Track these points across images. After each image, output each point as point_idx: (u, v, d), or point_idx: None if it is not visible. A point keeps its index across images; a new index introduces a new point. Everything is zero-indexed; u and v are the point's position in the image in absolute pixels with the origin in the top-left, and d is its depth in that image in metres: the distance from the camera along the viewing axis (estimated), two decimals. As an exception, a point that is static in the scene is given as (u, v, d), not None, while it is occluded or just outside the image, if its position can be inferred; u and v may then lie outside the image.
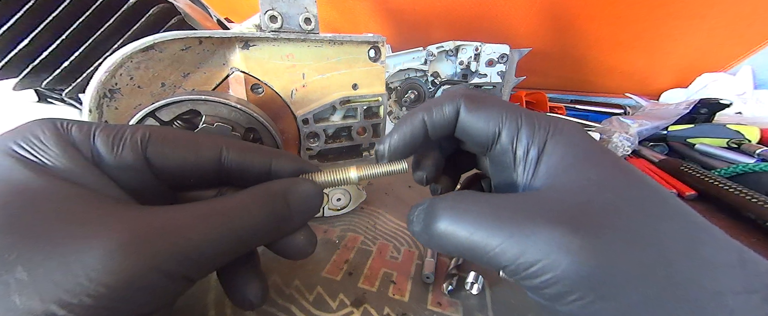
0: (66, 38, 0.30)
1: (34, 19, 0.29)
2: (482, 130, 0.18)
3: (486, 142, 0.18)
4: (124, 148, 0.15)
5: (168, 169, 0.16)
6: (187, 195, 0.18)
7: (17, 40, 0.29)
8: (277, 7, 0.26)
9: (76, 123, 0.15)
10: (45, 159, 0.14)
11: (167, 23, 0.32)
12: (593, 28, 0.75)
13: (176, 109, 0.24)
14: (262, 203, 0.16)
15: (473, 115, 0.18)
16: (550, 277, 0.12)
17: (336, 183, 0.20)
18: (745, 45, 0.76)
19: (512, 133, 0.17)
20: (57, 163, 0.14)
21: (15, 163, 0.13)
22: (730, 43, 0.76)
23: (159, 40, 0.24)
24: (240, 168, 0.18)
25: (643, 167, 0.52)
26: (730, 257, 0.13)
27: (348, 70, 0.30)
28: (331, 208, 0.36)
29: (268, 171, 0.18)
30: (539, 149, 0.17)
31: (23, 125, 0.14)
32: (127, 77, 0.25)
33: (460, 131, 0.19)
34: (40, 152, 0.14)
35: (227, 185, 0.19)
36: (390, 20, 0.81)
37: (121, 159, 0.15)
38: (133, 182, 0.15)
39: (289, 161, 0.19)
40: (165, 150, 0.16)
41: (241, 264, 0.18)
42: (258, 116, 0.25)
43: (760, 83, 0.78)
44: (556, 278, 0.12)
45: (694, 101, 0.63)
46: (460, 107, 0.18)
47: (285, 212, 0.16)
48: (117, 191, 0.15)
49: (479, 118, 0.18)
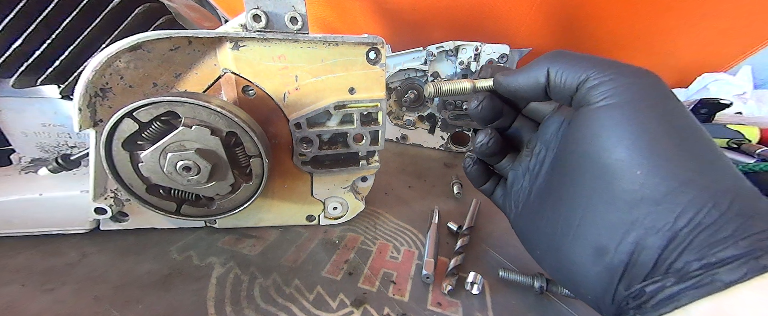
0: (56, 38, 0.30)
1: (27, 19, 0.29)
2: (570, 82, 0.18)
3: (569, 92, 0.18)
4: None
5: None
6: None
7: (11, 40, 0.30)
8: (262, 6, 0.25)
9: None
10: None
11: (155, 22, 0.32)
12: (593, 28, 0.75)
13: (154, 111, 0.24)
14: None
15: (564, 68, 0.18)
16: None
17: (456, 91, 0.23)
18: (745, 45, 0.76)
19: (597, 80, 0.17)
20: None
21: None
22: (730, 43, 0.76)
23: (144, 40, 0.24)
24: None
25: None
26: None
27: (344, 73, 0.29)
28: (327, 216, 0.35)
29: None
30: (606, 92, 0.16)
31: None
32: (118, 77, 0.25)
33: (555, 85, 0.19)
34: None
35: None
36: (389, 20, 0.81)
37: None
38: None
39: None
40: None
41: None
42: (239, 120, 0.24)
43: (760, 83, 0.78)
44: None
45: (694, 101, 0.63)
46: (554, 65, 0.19)
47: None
48: None
49: (570, 70, 0.18)
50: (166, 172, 0.25)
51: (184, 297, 0.25)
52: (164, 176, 0.25)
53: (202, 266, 0.29)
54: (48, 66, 0.31)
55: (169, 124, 0.25)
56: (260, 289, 0.26)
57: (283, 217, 0.34)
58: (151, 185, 0.26)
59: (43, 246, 0.30)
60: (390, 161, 0.56)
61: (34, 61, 0.30)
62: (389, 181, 0.47)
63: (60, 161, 0.32)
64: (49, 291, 0.25)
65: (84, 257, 0.29)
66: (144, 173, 0.25)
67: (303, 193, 0.33)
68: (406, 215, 0.39)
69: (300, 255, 0.31)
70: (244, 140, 0.26)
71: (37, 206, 0.30)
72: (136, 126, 0.24)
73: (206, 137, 0.24)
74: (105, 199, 0.29)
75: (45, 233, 0.31)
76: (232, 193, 0.27)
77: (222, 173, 0.26)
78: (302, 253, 0.31)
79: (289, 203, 0.34)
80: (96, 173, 0.27)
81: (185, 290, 0.26)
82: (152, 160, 0.25)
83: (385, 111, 0.31)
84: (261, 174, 0.27)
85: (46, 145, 0.37)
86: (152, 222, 0.32)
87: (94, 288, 0.26)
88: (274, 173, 0.32)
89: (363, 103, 0.30)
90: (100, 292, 0.25)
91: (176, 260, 0.29)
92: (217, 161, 0.25)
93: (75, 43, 0.30)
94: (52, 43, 0.30)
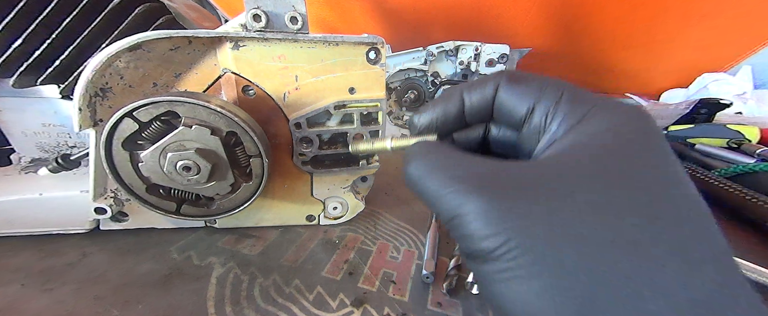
0: (56, 37, 0.30)
1: (27, 19, 0.29)
2: (516, 106, 0.16)
3: (519, 119, 0.16)
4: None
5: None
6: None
7: (11, 40, 0.30)
8: (262, 5, 0.25)
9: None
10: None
11: (155, 22, 0.32)
12: (593, 28, 0.75)
13: (154, 110, 0.24)
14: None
15: (511, 89, 0.17)
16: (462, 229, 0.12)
17: (373, 151, 0.21)
18: (745, 45, 0.76)
19: (546, 109, 0.15)
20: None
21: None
22: (730, 43, 0.76)
23: (144, 39, 0.24)
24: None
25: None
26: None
27: (344, 72, 0.29)
28: (327, 216, 0.35)
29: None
30: (569, 126, 0.14)
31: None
32: (118, 76, 0.25)
33: (497, 111, 0.17)
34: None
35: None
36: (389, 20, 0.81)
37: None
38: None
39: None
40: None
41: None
42: (239, 120, 0.24)
43: (760, 83, 0.78)
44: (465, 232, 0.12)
45: (694, 101, 0.63)
46: (500, 84, 0.17)
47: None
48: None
49: (515, 92, 0.16)
50: (166, 172, 0.25)
51: (184, 297, 0.25)
52: (164, 175, 0.25)
53: (202, 266, 0.29)
54: (48, 66, 0.31)
55: (169, 124, 0.25)
56: (260, 289, 0.26)
57: (283, 217, 0.34)
58: (151, 184, 0.26)
59: (43, 246, 0.30)
60: (390, 161, 0.56)
61: (34, 61, 0.31)
62: (389, 181, 0.47)
63: (60, 160, 0.32)
64: (49, 291, 0.25)
65: (84, 257, 0.29)
66: (144, 173, 0.25)
67: (303, 193, 0.33)
68: (406, 215, 0.39)
69: (300, 255, 0.31)
70: (244, 140, 0.26)
71: (37, 205, 0.30)
72: (136, 126, 0.24)
73: (206, 137, 0.24)
74: (105, 199, 0.29)
75: (45, 233, 0.31)
76: (232, 193, 0.27)
77: (222, 172, 0.26)
78: (302, 253, 0.31)
79: (289, 203, 0.34)
80: (96, 172, 0.27)
81: (185, 290, 0.26)
82: (152, 159, 0.25)
83: (385, 111, 0.31)
84: (261, 174, 0.27)
85: (46, 145, 0.37)
86: (152, 222, 0.32)
87: (94, 288, 0.26)
88: (274, 173, 0.32)
89: (363, 103, 0.30)
90: (100, 292, 0.25)
91: (176, 260, 0.29)
92: (217, 161, 0.25)
93: (75, 42, 0.30)
94: (52, 42, 0.30)
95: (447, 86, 0.59)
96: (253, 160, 0.26)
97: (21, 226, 0.30)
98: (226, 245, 0.32)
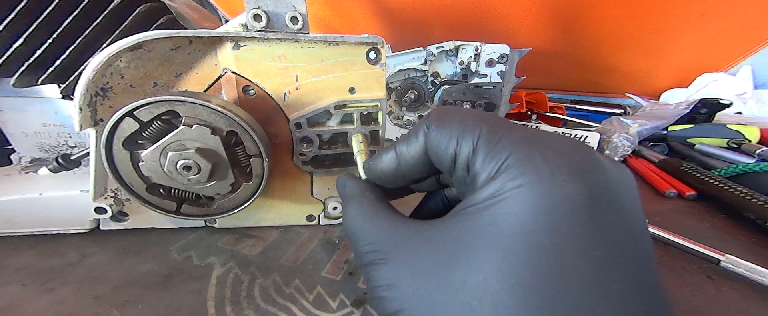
0: (57, 37, 0.30)
1: (27, 19, 0.29)
2: (443, 150, 0.15)
3: (448, 164, 0.15)
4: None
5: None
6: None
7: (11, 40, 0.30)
8: (262, 5, 0.25)
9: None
10: None
11: (156, 22, 0.32)
12: (593, 28, 0.75)
13: (154, 110, 0.23)
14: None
15: (437, 132, 0.16)
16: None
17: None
18: (745, 45, 0.76)
19: (467, 154, 0.14)
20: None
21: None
22: (730, 43, 0.76)
23: (144, 39, 0.24)
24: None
25: (643, 167, 0.52)
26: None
27: (344, 72, 0.29)
28: (327, 216, 0.35)
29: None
30: (489, 176, 0.13)
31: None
32: (118, 76, 0.25)
33: (431, 156, 0.16)
34: None
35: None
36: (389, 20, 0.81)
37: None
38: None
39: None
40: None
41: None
42: (239, 120, 0.24)
43: (760, 83, 0.78)
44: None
45: (694, 101, 0.63)
46: (429, 128, 0.16)
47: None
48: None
49: (441, 135, 0.15)
50: (166, 171, 0.25)
51: (184, 297, 0.25)
52: (164, 175, 0.25)
53: (202, 266, 0.29)
54: (49, 66, 0.31)
55: (170, 123, 0.25)
56: (260, 289, 0.26)
57: (283, 217, 0.34)
58: (151, 184, 0.26)
59: (43, 246, 0.30)
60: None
61: (34, 61, 0.31)
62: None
63: (60, 160, 0.32)
64: (49, 291, 0.25)
65: (84, 257, 0.29)
66: (144, 173, 0.25)
67: (303, 193, 0.33)
68: (406, 214, 0.39)
69: (300, 255, 0.31)
70: (245, 140, 0.26)
71: (37, 205, 0.30)
72: (136, 125, 0.24)
73: (207, 137, 0.24)
74: (105, 198, 0.29)
75: (45, 233, 0.31)
76: (232, 192, 0.27)
77: (222, 172, 0.26)
78: (302, 253, 0.31)
79: (289, 203, 0.34)
80: (96, 172, 0.27)
81: (185, 290, 0.26)
82: (153, 159, 0.25)
83: (385, 111, 0.31)
84: (261, 174, 0.27)
85: (46, 145, 0.37)
86: (152, 222, 0.32)
87: (94, 288, 0.26)
88: (275, 173, 0.32)
89: (363, 103, 0.30)
90: (100, 292, 0.25)
91: (176, 260, 0.29)
92: (217, 161, 0.25)
93: (76, 42, 0.30)
94: (52, 42, 0.30)
95: (447, 86, 0.59)
96: (253, 159, 0.26)
97: (21, 226, 0.30)
98: (226, 245, 0.31)
